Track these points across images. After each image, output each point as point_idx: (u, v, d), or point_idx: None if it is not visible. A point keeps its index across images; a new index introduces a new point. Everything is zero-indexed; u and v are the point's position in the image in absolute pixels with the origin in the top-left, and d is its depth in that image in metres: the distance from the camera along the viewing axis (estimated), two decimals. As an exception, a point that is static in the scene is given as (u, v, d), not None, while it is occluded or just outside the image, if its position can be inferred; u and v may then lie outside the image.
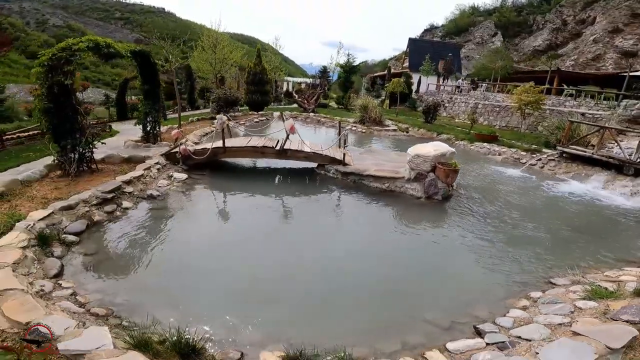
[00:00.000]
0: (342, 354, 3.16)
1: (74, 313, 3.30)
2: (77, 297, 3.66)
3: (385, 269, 5.10)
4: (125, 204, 6.07)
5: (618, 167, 10.75)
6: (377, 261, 5.28)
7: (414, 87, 32.94)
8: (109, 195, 5.97)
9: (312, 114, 21.11)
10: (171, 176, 7.75)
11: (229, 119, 9.20)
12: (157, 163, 8.00)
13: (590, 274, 5.19)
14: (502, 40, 40.09)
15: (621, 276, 4.92)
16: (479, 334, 3.71)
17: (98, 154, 7.63)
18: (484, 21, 43.74)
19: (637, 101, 13.84)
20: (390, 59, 56.18)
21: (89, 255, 4.59)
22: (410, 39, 40.16)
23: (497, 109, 20.23)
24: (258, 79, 20.86)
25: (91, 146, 7.33)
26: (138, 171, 7.21)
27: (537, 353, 3.07)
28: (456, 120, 21.83)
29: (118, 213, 5.81)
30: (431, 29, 52.00)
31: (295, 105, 26.46)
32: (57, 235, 4.62)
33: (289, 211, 6.99)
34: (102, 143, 8.02)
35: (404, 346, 3.54)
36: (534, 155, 13.18)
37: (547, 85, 21.38)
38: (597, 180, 10.79)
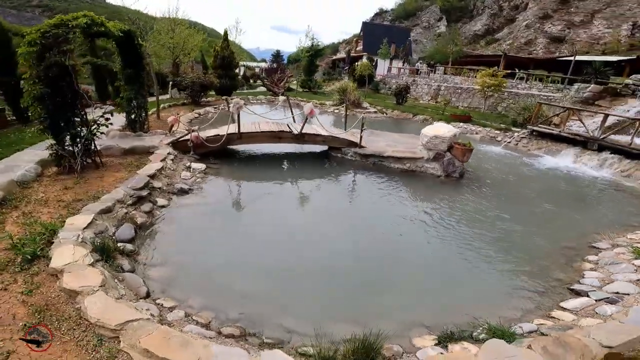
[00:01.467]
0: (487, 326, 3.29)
1: (211, 339, 2.92)
2: (193, 318, 3.24)
3: (455, 246, 5.30)
4: (160, 201, 5.46)
5: (583, 143, 12.15)
6: (447, 236, 5.47)
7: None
8: (144, 193, 5.32)
9: (281, 98, 20.53)
10: (189, 167, 7.11)
11: (245, 103, 8.55)
12: (169, 153, 7.26)
13: (616, 237, 5.92)
14: (447, 24, 42.23)
15: (646, 237, 5.68)
16: (578, 293, 4.08)
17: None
18: (430, 6, 45.61)
19: (587, 84, 15.59)
20: (341, 42, 56.30)
21: (158, 266, 4.05)
22: (364, 23, 40.55)
23: (459, 90, 21.49)
24: (227, 62, 19.65)
25: (95, 137, 6.43)
26: (156, 163, 6.49)
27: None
28: (420, 102, 22.79)
29: (158, 212, 5.22)
30: (381, 13, 52.95)
31: (258, 90, 25.56)
32: (114, 245, 4.01)
33: (330, 197, 6.95)
34: (102, 133, 7.06)
35: (525, 312, 3.80)
36: (507, 134, 14.36)
37: (501, 69, 23.08)
38: (567, 155, 12.11)
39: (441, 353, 2.95)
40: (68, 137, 6.10)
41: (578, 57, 20.00)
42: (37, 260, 3.53)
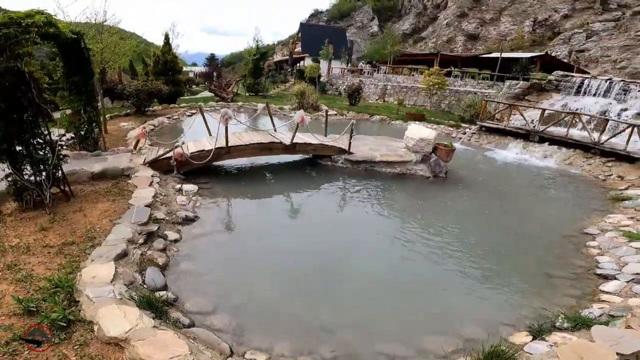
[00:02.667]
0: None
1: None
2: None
3: (472, 245, 5.52)
4: (170, 234, 4.77)
5: (525, 136, 13.59)
6: (462, 236, 5.67)
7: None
8: (153, 228, 4.60)
9: (235, 103, 19.62)
10: (180, 189, 6.34)
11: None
12: (153, 176, 6.41)
13: (598, 222, 6.68)
14: (379, 24, 44.29)
15: (622, 221, 6.49)
16: (606, 277, 4.52)
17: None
18: (362, 6, 47.34)
19: (517, 81, 17.47)
20: (276, 43, 55.73)
21: (213, 312, 3.51)
22: (301, 24, 40.62)
23: (405, 89, 22.62)
24: (170, 67, 18.12)
25: (62, 162, 5.42)
26: (146, 189, 5.68)
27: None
28: (370, 101, 23.50)
29: (173, 249, 4.54)
30: (317, 14, 53.53)
31: (201, 95, 24.14)
32: (157, 297, 3.37)
33: (342, 207, 6.87)
34: (66, 156, 5.98)
35: (577, 298, 4.16)
36: (459, 130, 15.47)
37: (436, 68, 24.77)
38: (514, 147, 13.43)
39: (551, 345, 3.02)
40: (33, 164, 5.06)
41: (504, 55, 22.26)
42: (73, 326, 2.83)
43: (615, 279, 4.41)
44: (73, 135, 7.91)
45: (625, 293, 4.06)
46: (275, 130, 9.06)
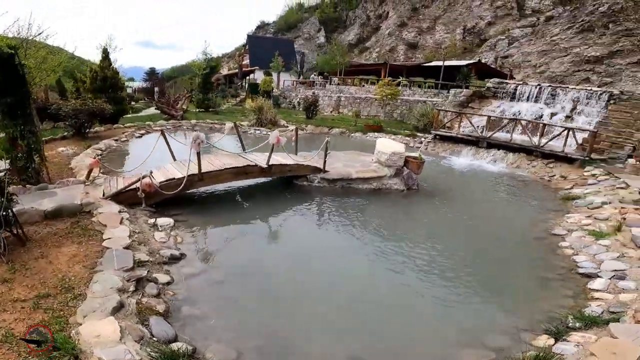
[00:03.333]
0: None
1: None
2: None
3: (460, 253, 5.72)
4: (160, 277, 4.27)
5: (475, 142, 14.59)
6: (449, 246, 5.86)
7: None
8: (143, 272, 4.09)
9: (187, 121, 18.67)
10: (154, 224, 5.76)
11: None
12: (120, 211, 5.76)
13: (561, 222, 7.29)
14: (325, 35, 45.36)
15: (582, 220, 7.14)
16: (589, 276, 4.91)
17: None
18: (309, 17, 48.12)
19: (460, 89, 18.80)
20: (223, 56, 54.46)
21: None
22: (249, 36, 40.19)
23: (358, 100, 23.23)
24: (110, 84, 16.73)
25: (12, 203, 4.68)
26: (119, 228, 5.07)
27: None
28: (325, 114, 23.75)
29: (169, 293, 4.07)
30: (263, 26, 53.24)
31: (146, 113, 22.69)
32: (175, 353, 2.96)
33: (319, 229, 6.68)
34: (14, 194, 5.16)
35: (572, 297, 4.46)
36: (415, 139, 16.18)
37: (383, 77, 25.81)
38: (467, 154, 14.35)
39: (576, 345, 3.17)
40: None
41: (445, 63, 23.86)
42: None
43: (599, 276, 4.80)
44: (9, 167, 6.90)
45: (612, 289, 4.42)
46: (245, 152, 8.70)
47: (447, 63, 24.63)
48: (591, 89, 15.72)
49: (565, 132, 12.42)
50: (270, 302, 4.20)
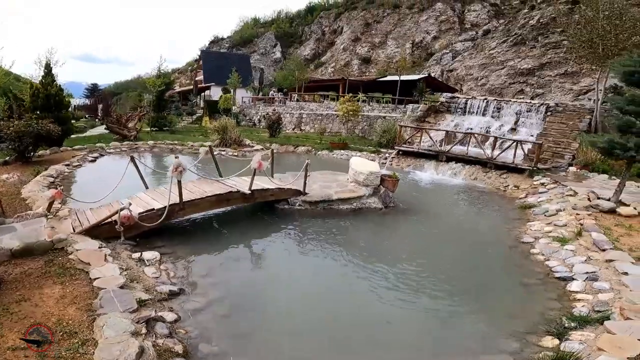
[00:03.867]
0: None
1: None
2: None
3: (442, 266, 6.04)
4: (166, 316, 4.03)
5: (435, 157, 15.46)
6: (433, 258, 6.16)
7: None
8: (151, 313, 3.85)
9: (143, 142, 17.75)
10: (140, 259, 5.40)
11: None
12: (100, 247, 5.33)
13: (526, 230, 7.96)
14: (281, 50, 45.82)
15: (544, 228, 7.85)
16: (564, 279, 5.45)
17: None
18: (265, 32, 48.27)
19: (417, 104, 19.91)
20: (173, 71, 52.60)
21: None
22: (203, 51, 39.41)
23: (320, 117, 23.64)
24: (54, 102, 15.45)
25: None
26: (106, 266, 4.69)
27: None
28: (286, 131, 23.84)
29: (181, 332, 3.86)
30: (217, 41, 52.36)
31: (92, 133, 21.27)
32: None
33: (309, 252, 6.67)
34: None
35: (558, 299, 4.76)
36: (380, 156, 16.76)
37: (342, 93, 26.53)
38: (429, 168, 15.12)
39: (581, 343, 3.56)
40: None
41: (396, 77, 25.14)
42: None
43: (574, 279, 5.32)
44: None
45: (589, 290, 4.93)
46: (221, 177, 8.47)
47: (402, 77, 25.98)
48: (530, 102, 17.46)
49: (515, 144, 13.63)
50: (280, 333, 4.16)
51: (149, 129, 24.50)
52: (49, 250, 5.24)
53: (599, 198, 8.71)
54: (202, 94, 36.02)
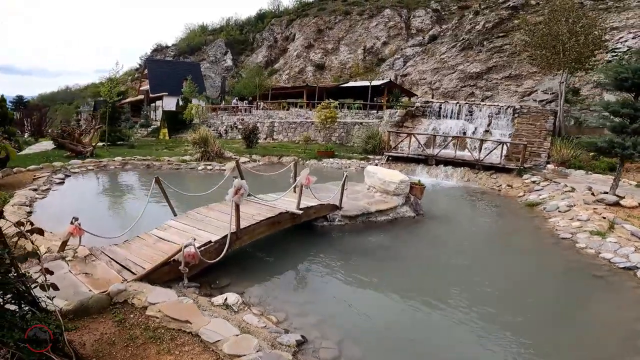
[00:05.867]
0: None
1: None
2: None
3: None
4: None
5: (425, 161, 15.94)
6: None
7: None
8: None
9: (109, 159, 15.82)
10: (225, 303, 4.62)
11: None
12: (179, 296, 4.46)
13: (553, 227, 8.44)
14: (232, 58, 44.13)
15: (572, 224, 8.38)
16: (630, 269, 5.73)
17: None
18: (214, 40, 46.02)
19: (396, 110, 20.39)
20: (106, 80, 48.06)
21: None
22: (148, 60, 36.60)
23: (294, 125, 23.12)
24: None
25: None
26: (215, 321, 3.89)
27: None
28: (260, 142, 22.94)
29: None
30: (161, 49, 48.71)
31: (34, 150, 18.55)
32: None
33: (393, 270, 6.29)
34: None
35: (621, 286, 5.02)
36: (369, 162, 16.83)
37: (304, 100, 26.36)
38: (421, 173, 15.51)
39: None
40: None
41: (362, 83, 25.64)
42: None
43: (638, 267, 5.72)
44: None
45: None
46: (251, 197, 7.73)
47: (360, 83, 26.54)
48: (498, 105, 18.82)
49: (500, 145, 14.57)
50: None
51: (104, 143, 22.08)
52: (107, 306, 4.28)
53: (603, 193, 9.54)
54: (153, 104, 33.38)
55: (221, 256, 5.47)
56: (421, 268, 6.48)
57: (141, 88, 38.23)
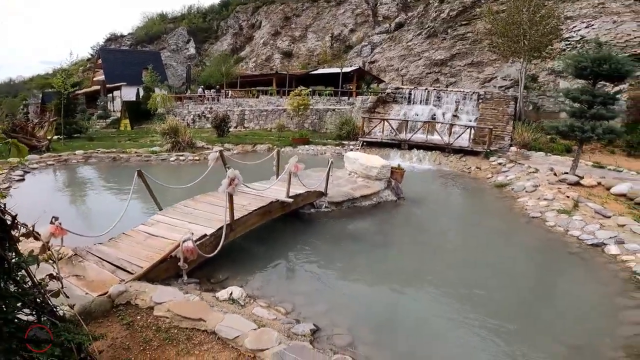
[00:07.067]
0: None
1: None
2: None
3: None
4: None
5: (398, 145, 16.38)
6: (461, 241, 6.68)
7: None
8: None
9: (69, 153, 14.82)
10: (232, 299, 4.58)
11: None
12: (186, 294, 4.38)
13: (522, 205, 9.09)
14: (195, 46, 42.11)
15: (540, 203, 9.05)
16: (598, 245, 6.36)
17: None
18: (176, 28, 43.49)
19: (368, 96, 20.61)
20: (56, 71, 44.34)
21: None
22: (102, 49, 34.33)
23: (265, 113, 22.73)
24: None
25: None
26: (231, 317, 3.85)
27: None
28: (231, 130, 22.37)
29: None
30: (115, 38, 45.37)
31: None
32: None
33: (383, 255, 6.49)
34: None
35: (595, 262, 5.61)
36: (344, 148, 17.01)
37: (274, 87, 25.95)
38: (395, 157, 15.93)
39: None
40: None
41: (345, 69, 25.64)
42: None
43: (605, 244, 6.45)
44: None
45: (626, 251, 6.11)
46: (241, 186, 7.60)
47: (330, 70, 26.52)
48: (464, 91, 19.58)
49: (467, 129, 15.26)
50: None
51: (56, 137, 20.55)
52: (111, 309, 4.13)
53: (564, 173, 10.34)
54: (111, 95, 31.43)
55: (218, 249, 5.39)
56: (410, 251, 6.77)
57: (95, 78, 35.79)
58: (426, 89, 20.21)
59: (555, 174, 10.53)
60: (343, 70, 26.52)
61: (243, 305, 4.53)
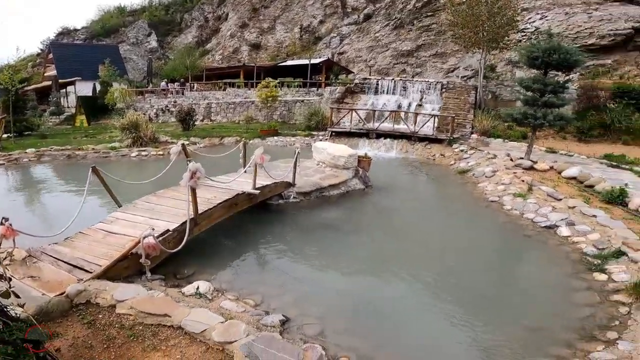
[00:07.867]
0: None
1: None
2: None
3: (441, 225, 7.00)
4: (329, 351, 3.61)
5: (366, 134, 16.62)
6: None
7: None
8: (321, 353, 3.39)
9: (20, 152, 13.92)
10: (197, 294, 4.52)
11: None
12: (149, 290, 4.27)
13: (482, 191, 9.53)
14: (157, 39, 40.23)
15: (497, 187, 9.53)
16: (551, 227, 6.83)
17: None
18: (135, 21, 41.17)
19: (336, 87, 20.65)
20: (4, 67, 41.14)
21: None
22: (53, 43, 32.28)
23: (232, 105, 22.25)
24: None
25: None
26: (197, 311, 3.80)
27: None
28: (197, 124, 21.76)
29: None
30: (68, 32, 42.40)
31: None
32: None
33: (346, 245, 6.61)
34: None
35: (545, 244, 6.06)
36: (313, 138, 17.04)
37: (242, 79, 25.46)
38: (364, 146, 16.15)
39: (624, 273, 4.63)
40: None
41: (313, 61, 25.49)
42: None
43: (557, 226, 6.83)
44: None
45: (577, 233, 6.48)
46: (205, 179, 7.45)
47: (299, 62, 26.36)
48: (429, 81, 20.08)
49: (431, 118, 15.72)
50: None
51: (6, 135, 19.17)
52: (69, 309, 3.98)
53: (519, 159, 10.92)
54: (64, 90, 29.62)
55: (182, 244, 5.29)
56: (378, 238, 6.95)
57: (46, 74, 33.55)
58: (393, 79, 20.55)
59: (511, 160, 11.09)
60: (312, 62, 26.39)
61: (210, 299, 4.49)
